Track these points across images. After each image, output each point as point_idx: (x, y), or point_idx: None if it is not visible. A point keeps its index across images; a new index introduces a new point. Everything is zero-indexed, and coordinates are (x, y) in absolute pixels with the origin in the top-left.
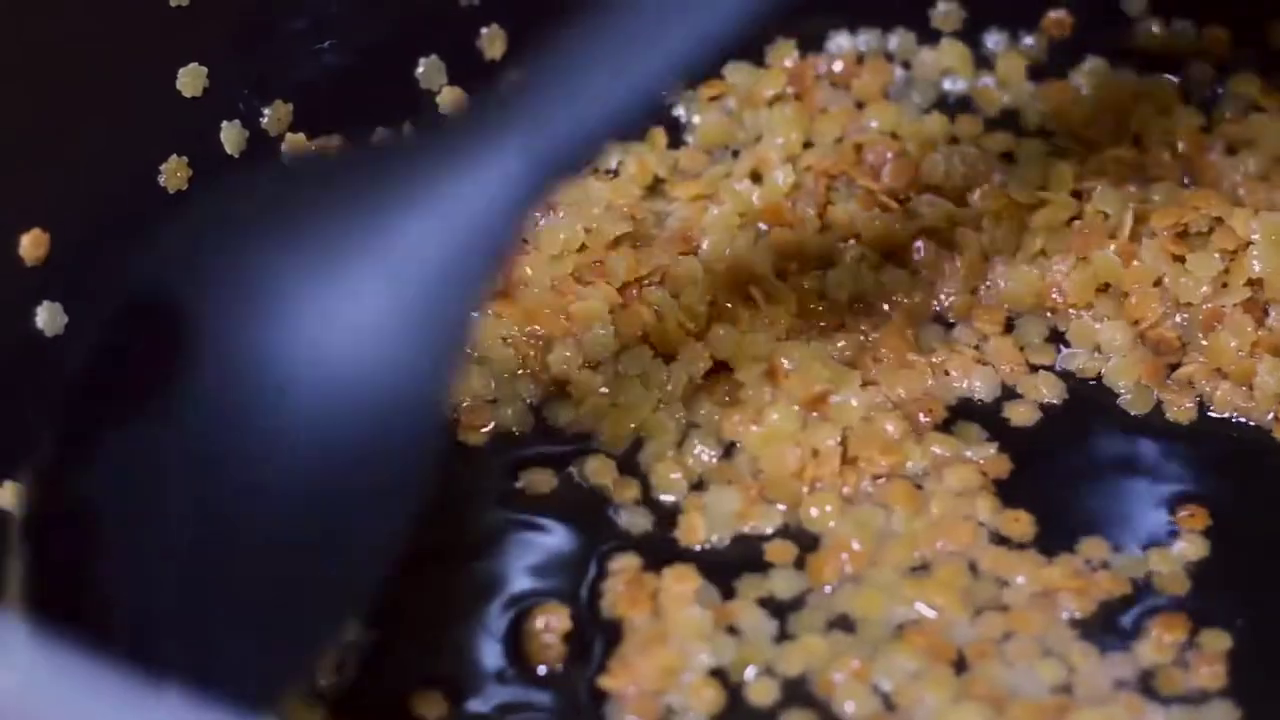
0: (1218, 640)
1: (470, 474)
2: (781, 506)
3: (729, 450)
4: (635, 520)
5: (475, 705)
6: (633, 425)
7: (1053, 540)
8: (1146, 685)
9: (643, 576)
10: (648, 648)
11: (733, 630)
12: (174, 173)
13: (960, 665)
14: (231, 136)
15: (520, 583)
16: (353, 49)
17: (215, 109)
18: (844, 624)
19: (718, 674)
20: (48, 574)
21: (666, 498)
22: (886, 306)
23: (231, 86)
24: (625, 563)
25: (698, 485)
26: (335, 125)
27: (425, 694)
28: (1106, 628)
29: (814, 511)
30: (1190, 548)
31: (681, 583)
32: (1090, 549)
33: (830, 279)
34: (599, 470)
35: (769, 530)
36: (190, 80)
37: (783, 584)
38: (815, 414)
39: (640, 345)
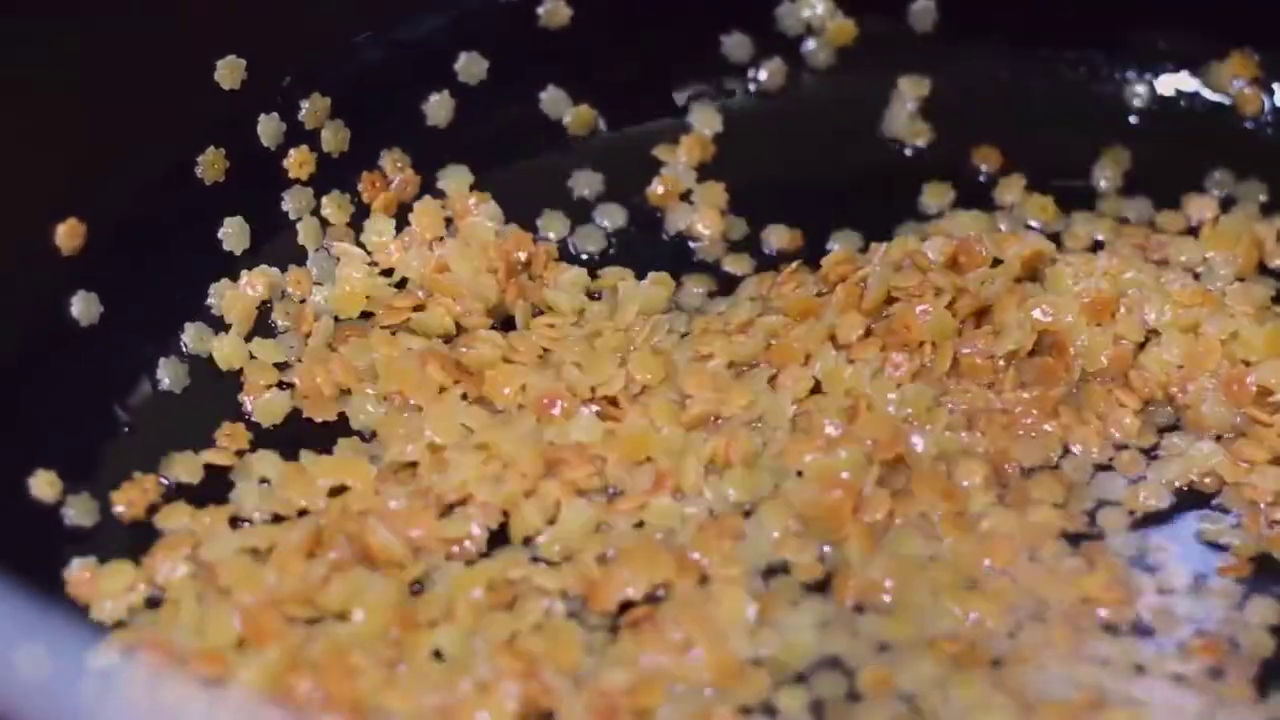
0: (1259, 644)
1: None
2: (825, 547)
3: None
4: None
5: None
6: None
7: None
8: (1177, 688)
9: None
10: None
11: (771, 625)
12: (211, 164)
13: (994, 668)
14: (269, 129)
15: None
16: (390, 42)
17: (253, 101)
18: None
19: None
20: None
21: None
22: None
23: (269, 79)
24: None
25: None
26: (373, 119)
27: None
28: (1141, 634)
29: (852, 551)
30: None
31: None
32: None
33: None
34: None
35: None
36: (228, 72)
37: (813, 605)
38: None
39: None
